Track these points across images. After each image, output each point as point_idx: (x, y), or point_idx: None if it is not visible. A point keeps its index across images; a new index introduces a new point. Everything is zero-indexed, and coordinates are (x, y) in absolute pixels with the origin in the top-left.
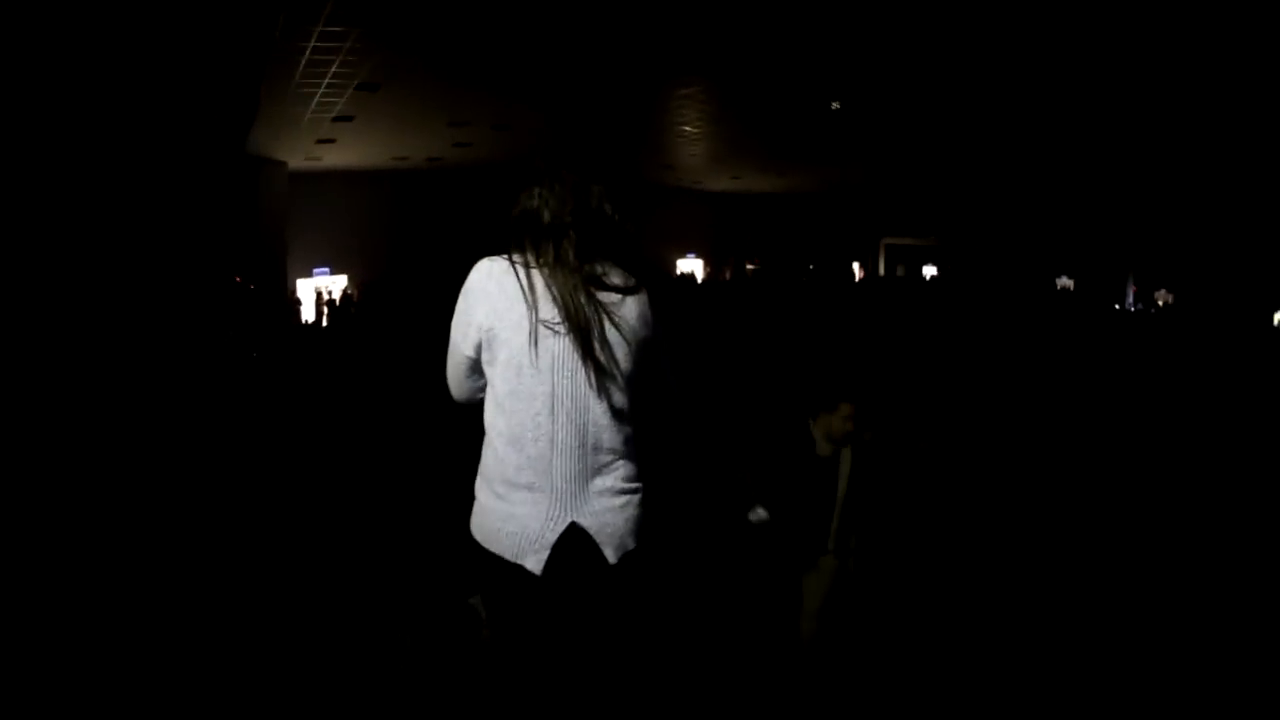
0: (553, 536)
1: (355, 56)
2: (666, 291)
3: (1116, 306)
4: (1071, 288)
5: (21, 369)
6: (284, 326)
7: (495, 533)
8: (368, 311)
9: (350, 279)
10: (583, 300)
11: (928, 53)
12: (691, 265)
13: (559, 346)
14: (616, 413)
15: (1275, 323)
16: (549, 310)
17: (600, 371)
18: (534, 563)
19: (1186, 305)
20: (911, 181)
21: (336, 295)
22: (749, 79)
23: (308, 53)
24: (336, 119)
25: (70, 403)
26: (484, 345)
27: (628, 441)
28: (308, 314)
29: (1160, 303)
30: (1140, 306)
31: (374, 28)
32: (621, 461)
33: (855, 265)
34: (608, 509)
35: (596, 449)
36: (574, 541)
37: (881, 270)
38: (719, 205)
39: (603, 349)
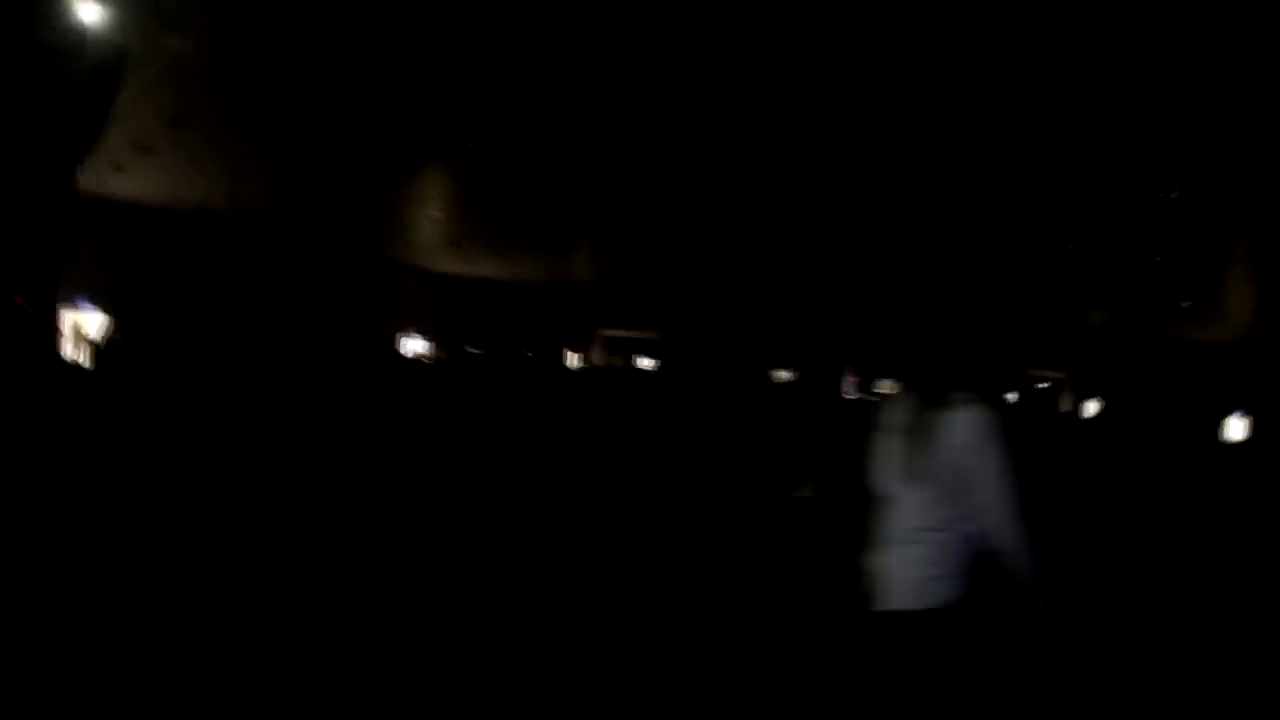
0: None
1: (167, 89)
2: (399, 371)
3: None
4: (791, 379)
5: None
6: (53, 359)
7: None
8: (137, 357)
9: (112, 320)
10: None
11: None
12: (417, 345)
13: None
14: None
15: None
16: None
17: None
18: None
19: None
20: (632, 277)
21: (97, 335)
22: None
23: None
24: (136, 147)
25: None
26: None
27: None
28: (68, 349)
29: (882, 393)
30: (860, 396)
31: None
32: None
33: (573, 355)
34: None
35: None
36: None
37: (599, 360)
38: (448, 288)
39: None
